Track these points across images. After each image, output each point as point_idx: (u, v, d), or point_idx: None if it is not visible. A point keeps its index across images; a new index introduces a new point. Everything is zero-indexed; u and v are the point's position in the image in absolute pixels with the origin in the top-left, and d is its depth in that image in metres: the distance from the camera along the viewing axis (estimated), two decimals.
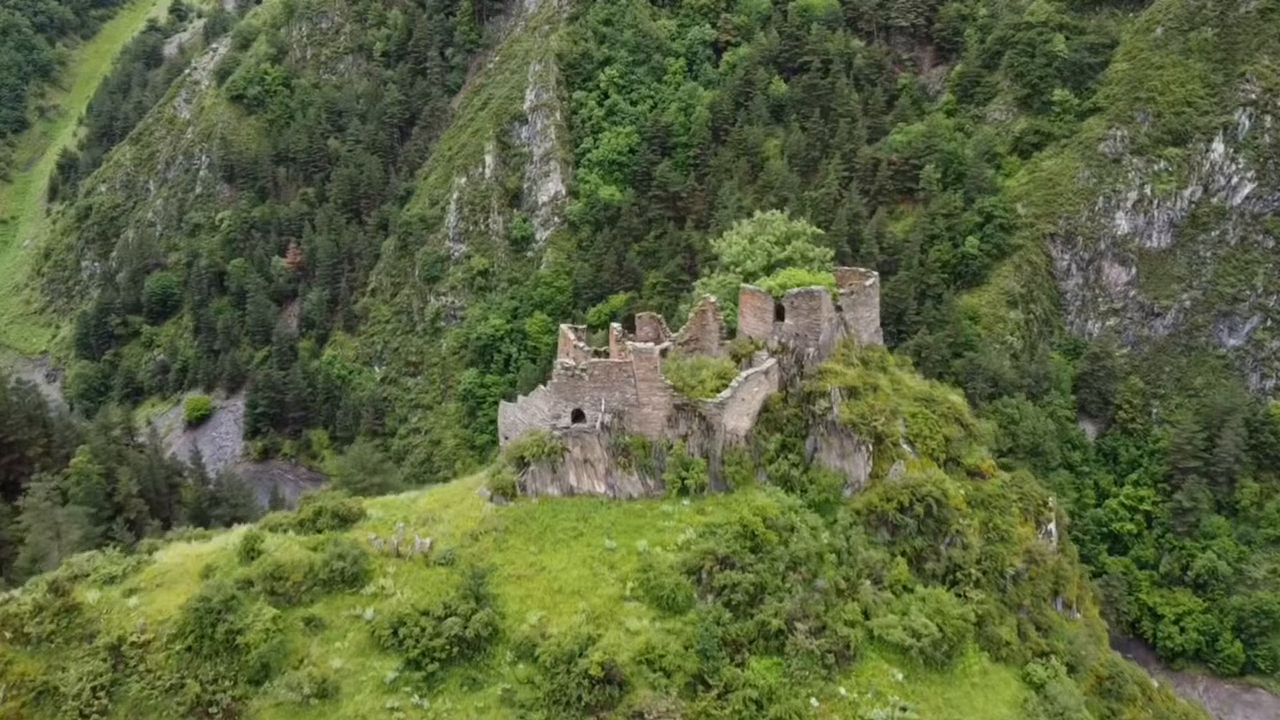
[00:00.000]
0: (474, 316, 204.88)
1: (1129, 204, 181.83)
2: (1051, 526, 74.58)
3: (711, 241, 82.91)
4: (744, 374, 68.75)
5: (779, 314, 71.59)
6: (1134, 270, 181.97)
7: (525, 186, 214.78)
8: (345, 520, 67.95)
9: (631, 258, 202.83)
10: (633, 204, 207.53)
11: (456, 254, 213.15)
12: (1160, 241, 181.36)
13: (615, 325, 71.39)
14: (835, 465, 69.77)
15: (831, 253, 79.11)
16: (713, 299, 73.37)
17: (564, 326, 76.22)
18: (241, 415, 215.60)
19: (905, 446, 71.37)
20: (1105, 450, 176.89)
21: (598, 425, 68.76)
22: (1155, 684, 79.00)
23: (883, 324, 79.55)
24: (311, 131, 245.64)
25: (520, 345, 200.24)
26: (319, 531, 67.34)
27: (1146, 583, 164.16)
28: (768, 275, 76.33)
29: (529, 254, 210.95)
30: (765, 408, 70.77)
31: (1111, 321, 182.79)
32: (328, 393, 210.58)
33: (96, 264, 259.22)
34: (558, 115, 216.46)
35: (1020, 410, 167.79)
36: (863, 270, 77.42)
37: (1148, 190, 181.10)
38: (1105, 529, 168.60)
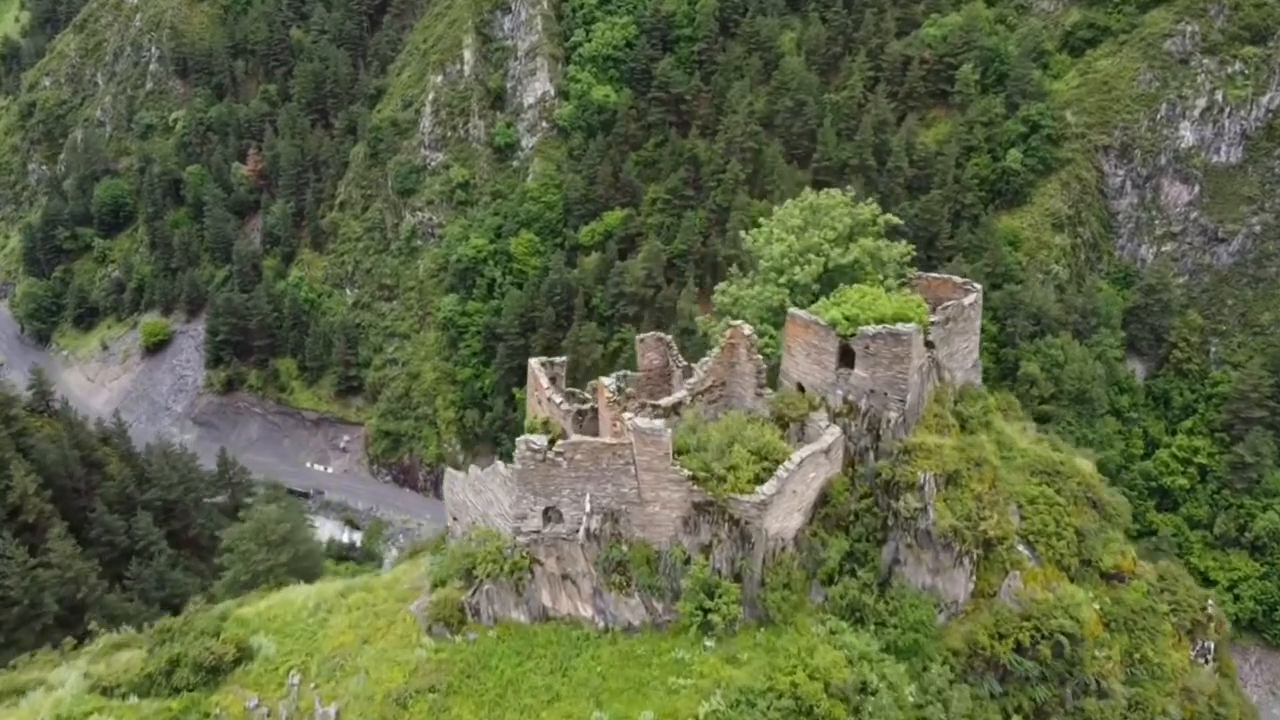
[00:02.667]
0: (453, 235, 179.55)
1: (1196, 112, 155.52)
2: (1210, 643, 52.58)
3: (743, 235, 58.67)
4: (797, 458, 45.58)
5: (845, 358, 48.03)
6: (1197, 189, 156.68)
7: (509, 86, 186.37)
8: (214, 671, 45.69)
9: (629, 169, 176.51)
10: (630, 107, 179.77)
11: (433, 164, 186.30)
12: (1230, 156, 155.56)
13: (606, 381, 47.70)
14: (924, 583, 47.29)
15: (910, 249, 54.83)
16: (747, 330, 49.53)
17: (534, 363, 52.72)
18: (203, 342, 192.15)
19: (1022, 549, 48.80)
20: (1156, 394, 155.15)
21: (581, 532, 45.97)
22: None
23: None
24: (271, 20, 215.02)
25: (505, 268, 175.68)
26: (175, 692, 45.21)
27: (1199, 544, 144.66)
28: (822, 288, 52.42)
29: (514, 164, 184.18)
30: (824, 496, 47.86)
31: (1168, 247, 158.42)
32: (295, 318, 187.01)
33: (44, 167, 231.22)
34: (545, 3, 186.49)
35: (1065, 351, 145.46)
36: (959, 280, 53.36)
37: (1219, 96, 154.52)
38: (1154, 483, 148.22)
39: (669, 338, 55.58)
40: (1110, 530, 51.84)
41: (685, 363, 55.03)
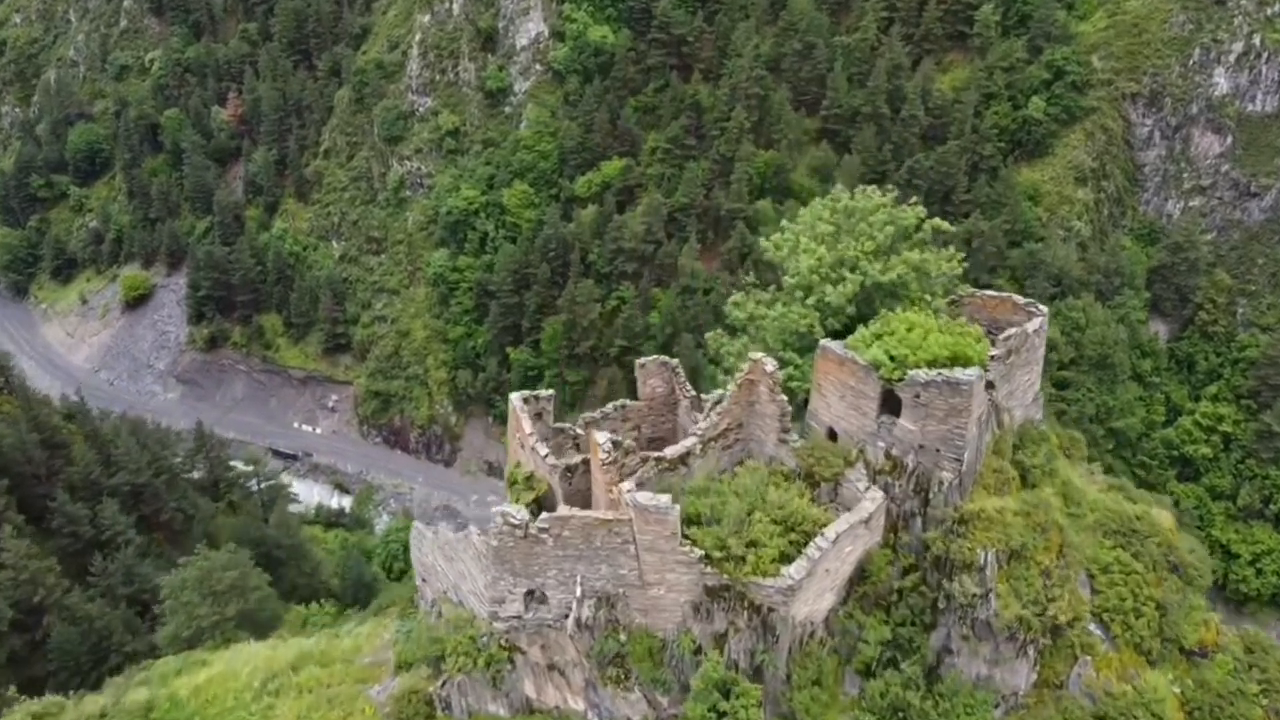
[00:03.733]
0: (443, 186, 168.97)
1: (1232, 57, 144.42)
2: None
3: (763, 242, 49.24)
4: (832, 532, 37.26)
5: (889, 403, 39.44)
6: (1230, 140, 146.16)
7: (501, 26, 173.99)
8: None
9: (627, 116, 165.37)
10: (628, 49, 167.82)
11: (421, 109, 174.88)
12: (1266, 105, 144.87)
13: (600, 438, 38.95)
14: (979, 674, 39.35)
15: (961, 260, 45.75)
16: (769, 366, 40.78)
17: (515, 400, 44.08)
18: (184, 296, 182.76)
19: (1094, 630, 40.75)
20: (1180, 357, 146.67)
21: (570, 622, 37.84)
22: None
23: (926, 203, 48.34)
24: None
25: (498, 221, 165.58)
26: None
27: (1221, 516, 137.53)
28: (858, 309, 43.47)
29: (506, 110, 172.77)
30: (861, 570, 39.66)
31: (1196, 202, 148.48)
32: (280, 272, 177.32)
33: (16, 110, 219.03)
34: None
35: (1087, 314, 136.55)
36: (1020, 300, 44.48)
37: (1257, 40, 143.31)
38: (1175, 452, 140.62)
39: (674, 363, 46.94)
40: (1192, 595, 43.74)
41: (693, 391, 46.52)
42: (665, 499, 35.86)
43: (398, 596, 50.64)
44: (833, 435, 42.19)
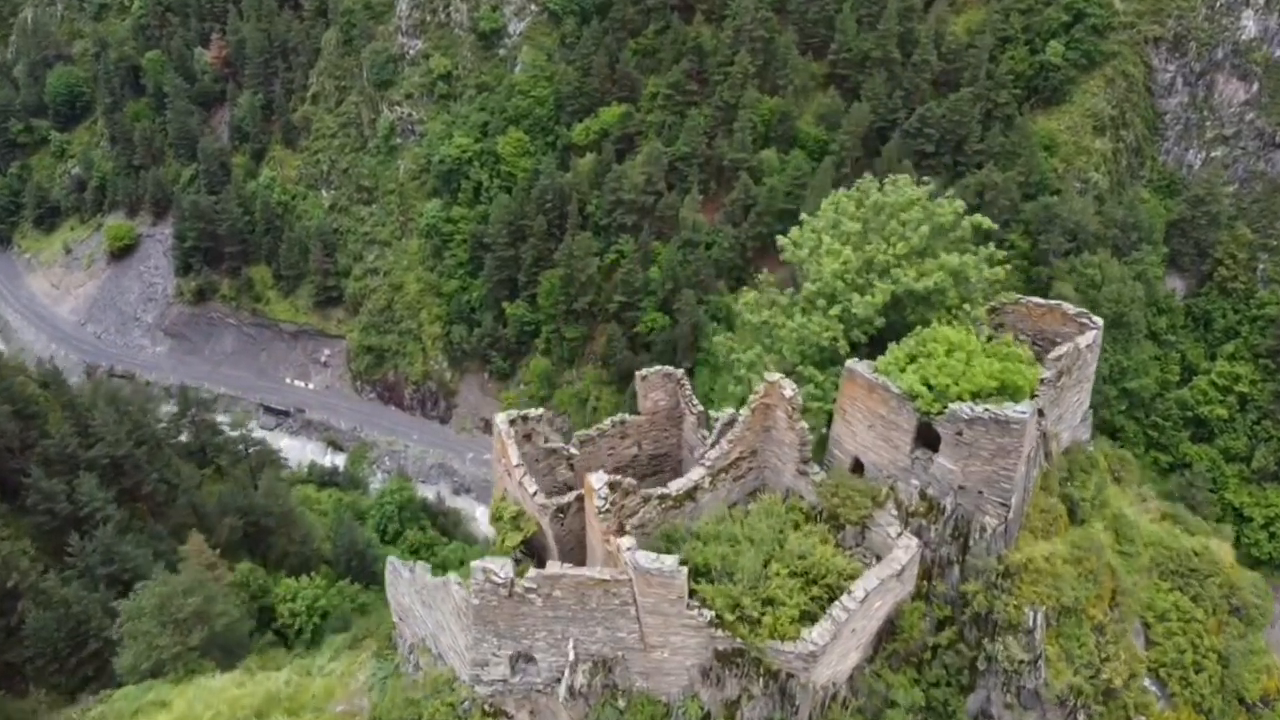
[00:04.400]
0: (435, 133, 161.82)
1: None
2: None
3: (780, 241, 43.42)
4: (860, 590, 32.48)
5: (925, 436, 34.43)
6: (1256, 87, 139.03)
7: None
8: None
9: (626, 59, 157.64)
10: None
11: (411, 52, 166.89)
12: None
13: (597, 482, 33.82)
14: None
15: (1004, 262, 40.26)
16: (788, 390, 35.68)
17: (500, 421, 38.99)
18: (170, 247, 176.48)
19: (1149, 687, 36.24)
20: (1196, 315, 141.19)
21: (562, 688, 33.24)
22: None
23: (937, 153, 42.61)
24: None
25: (492, 171, 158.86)
26: None
27: (1235, 479, 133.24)
28: (886, 317, 38.20)
29: (500, 53, 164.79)
30: (891, 623, 35.00)
31: (1219, 152, 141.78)
32: (268, 223, 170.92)
33: None
34: None
35: (1103, 270, 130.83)
36: (1071, 310, 39.24)
37: None
38: (1190, 413, 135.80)
39: (679, 374, 41.79)
40: (1252, 636, 39.14)
41: (700, 407, 41.40)
42: (671, 561, 31.00)
43: (374, 629, 45.90)
44: (858, 466, 37.27)
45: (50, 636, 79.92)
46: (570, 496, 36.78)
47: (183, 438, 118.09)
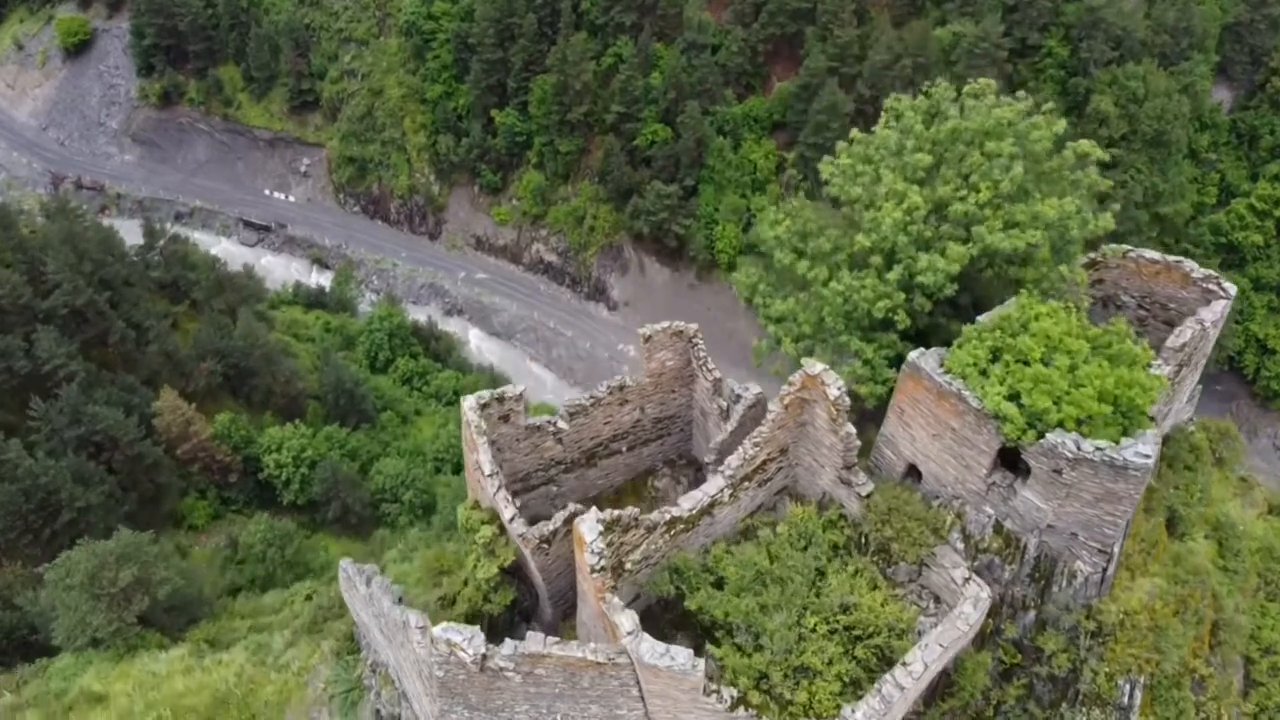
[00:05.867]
0: None
1: None
2: None
3: (823, 168, 32.95)
4: (918, 662, 25.76)
5: (1008, 458, 26.78)
6: None
7: None
8: None
9: None
10: None
11: None
12: None
13: (589, 528, 26.23)
14: None
15: (1111, 216, 30.97)
16: (833, 390, 27.71)
17: (468, 406, 31.14)
18: (129, 44, 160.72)
19: None
20: (1242, 130, 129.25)
21: None
22: None
23: None
24: None
25: None
26: None
27: (1262, 310, 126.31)
28: (961, 288, 29.62)
29: None
30: (947, 677, 28.61)
31: None
32: (233, 18, 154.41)
33: None
34: None
35: (1146, 84, 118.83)
36: (1193, 270, 30.59)
37: None
38: (1223, 238, 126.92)
39: (691, 330, 33.52)
40: None
41: (717, 372, 33.43)
42: (684, 657, 24.06)
43: (336, 605, 39.57)
44: (913, 471, 29.75)
45: (18, 509, 75.11)
46: (557, 523, 29.56)
47: (152, 273, 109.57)
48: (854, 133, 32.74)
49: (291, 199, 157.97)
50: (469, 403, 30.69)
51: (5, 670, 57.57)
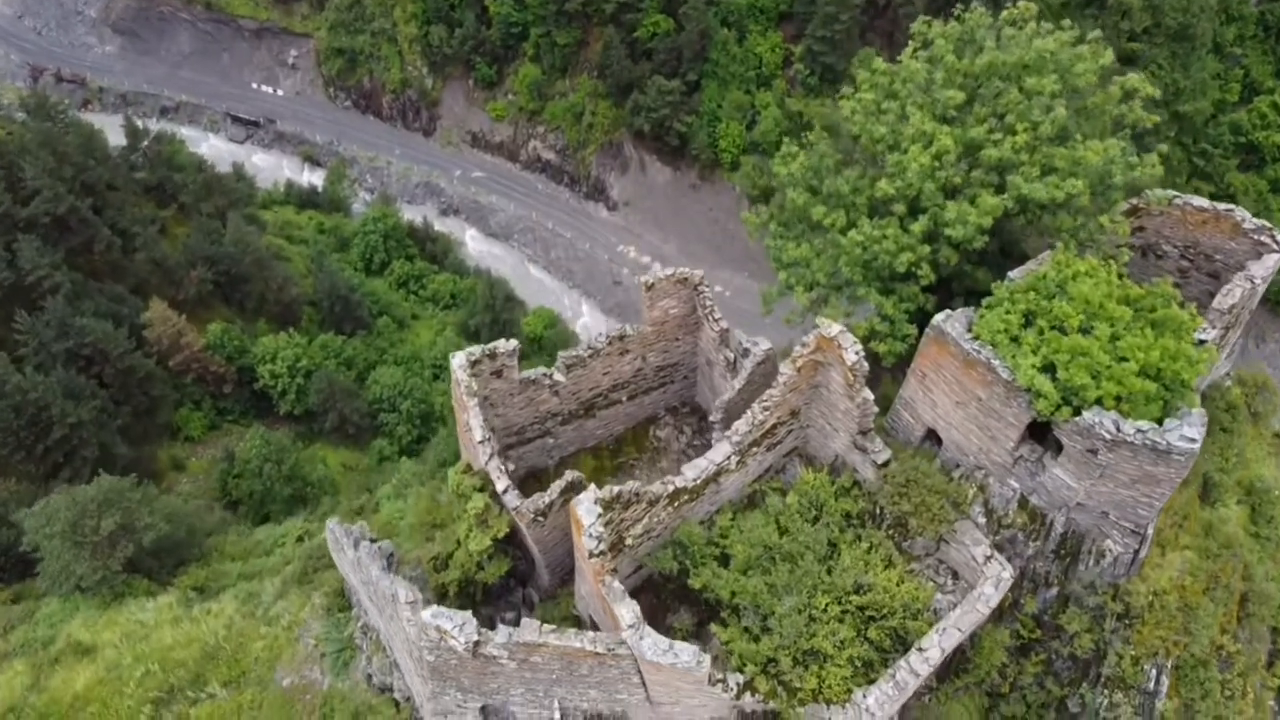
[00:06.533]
0: None
1: None
2: None
3: (844, 105, 29.57)
4: (935, 649, 24.34)
5: (1036, 431, 24.85)
6: None
7: None
8: None
9: None
10: None
11: None
12: None
13: (587, 511, 24.27)
14: None
15: (1159, 158, 28.15)
16: (850, 354, 25.61)
17: (457, 361, 29.03)
18: None
19: (1274, 705, 29.18)
20: (1270, 23, 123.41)
21: None
22: None
23: None
24: None
25: None
26: None
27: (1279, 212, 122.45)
28: (992, 237, 27.18)
29: None
30: (962, 653, 27.28)
31: None
32: None
33: None
34: None
35: None
36: (1245, 220, 28.11)
37: None
38: (1243, 138, 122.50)
39: (697, 277, 31.21)
40: None
41: (724, 322, 31.33)
42: (688, 654, 22.54)
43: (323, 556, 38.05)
44: (933, 435, 27.84)
45: (9, 425, 73.71)
46: (553, 494, 27.69)
47: (137, 175, 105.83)
48: (877, 61, 29.64)
49: (280, 93, 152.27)
50: (458, 360, 28.51)
51: (4, 585, 57.06)
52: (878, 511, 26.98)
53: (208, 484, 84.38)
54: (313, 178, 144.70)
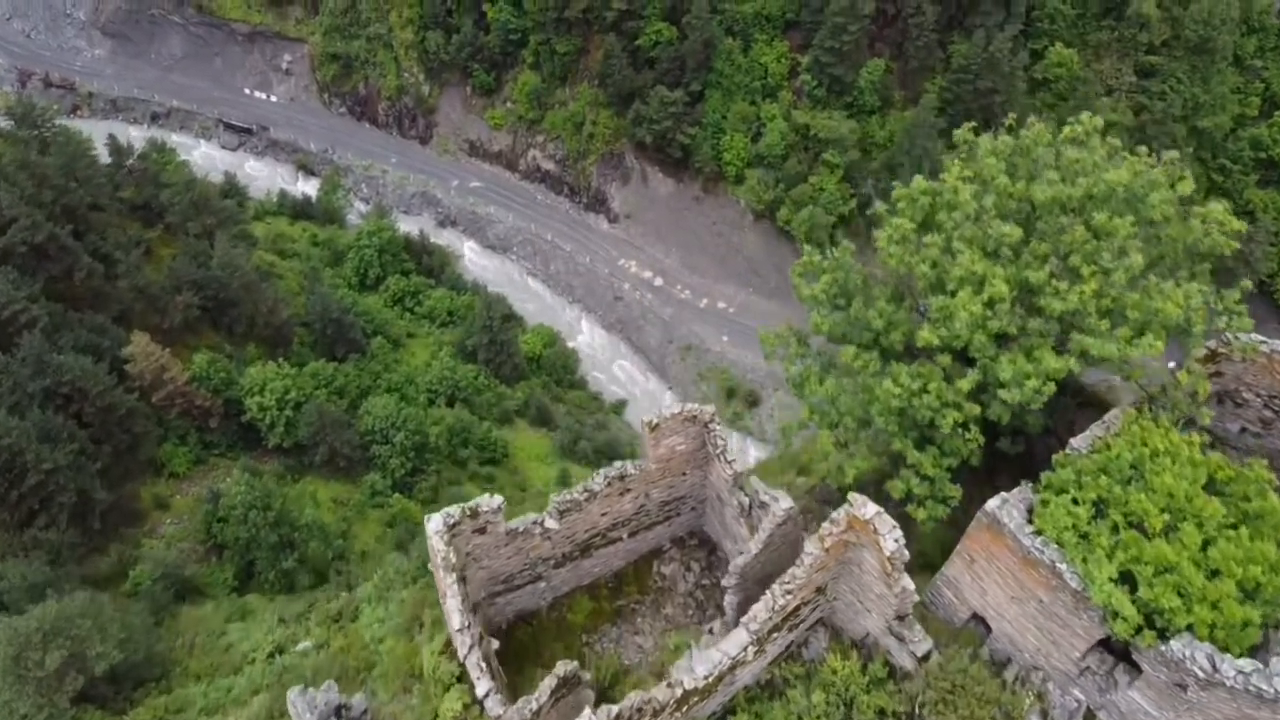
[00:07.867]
0: None
1: None
2: None
3: (878, 235, 25.45)
4: None
5: (1107, 639, 20.86)
6: None
7: None
8: None
9: None
10: None
11: None
12: None
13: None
14: None
15: (1240, 294, 24.06)
16: (890, 543, 21.64)
17: (433, 525, 25.03)
18: None
19: None
20: None
21: None
22: None
23: None
24: None
25: None
26: None
27: None
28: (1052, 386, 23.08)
29: None
30: None
31: None
32: None
33: None
34: None
35: None
36: None
37: None
38: (1263, 154, 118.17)
39: (707, 415, 27.17)
40: None
41: (736, 465, 27.33)
42: None
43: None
44: (979, 624, 23.94)
45: None
46: (543, 697, 23.76)
47: (122, 194, 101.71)
48: (918, 179, 25.53)
49: (274, 99, 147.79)
50: (434, 525, 24.57)
51: None
52: (916, 713, 23.24)
53: (192, 525, 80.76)
54: (306, 187, 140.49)
